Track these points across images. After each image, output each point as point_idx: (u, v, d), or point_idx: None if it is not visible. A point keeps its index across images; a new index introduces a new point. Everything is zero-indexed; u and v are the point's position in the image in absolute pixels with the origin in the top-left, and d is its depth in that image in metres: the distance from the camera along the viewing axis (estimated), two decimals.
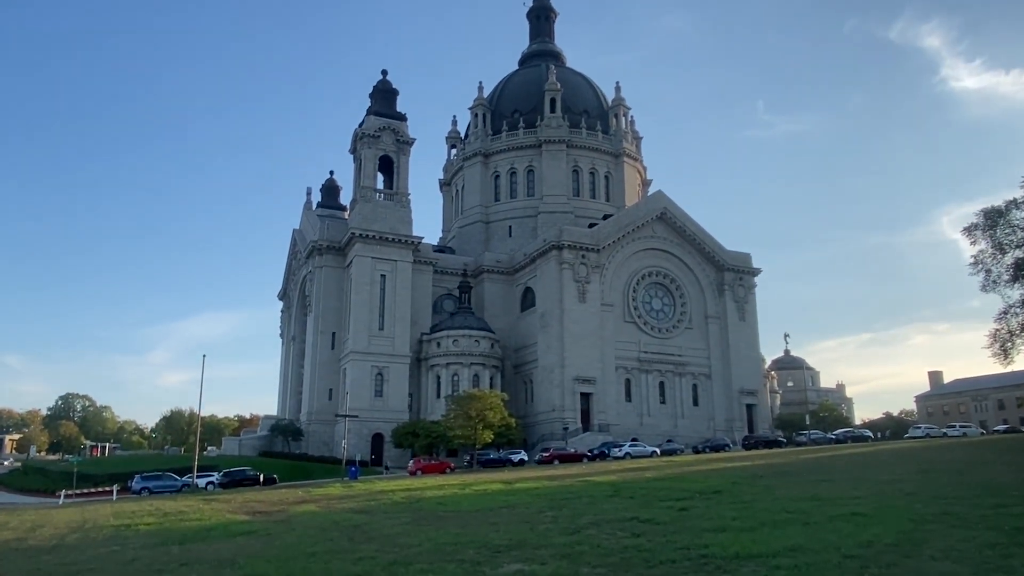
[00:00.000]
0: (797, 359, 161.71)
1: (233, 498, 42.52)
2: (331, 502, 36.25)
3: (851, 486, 26.89)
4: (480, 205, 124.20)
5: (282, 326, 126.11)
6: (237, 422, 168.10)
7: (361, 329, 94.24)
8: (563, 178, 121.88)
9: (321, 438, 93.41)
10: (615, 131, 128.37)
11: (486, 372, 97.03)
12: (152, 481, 61.40)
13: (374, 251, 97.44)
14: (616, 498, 27.74)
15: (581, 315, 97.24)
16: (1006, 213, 54.84)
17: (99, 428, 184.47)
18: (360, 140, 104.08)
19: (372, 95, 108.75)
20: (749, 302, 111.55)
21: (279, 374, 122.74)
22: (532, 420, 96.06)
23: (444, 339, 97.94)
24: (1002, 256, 55.00)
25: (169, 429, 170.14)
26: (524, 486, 36.76)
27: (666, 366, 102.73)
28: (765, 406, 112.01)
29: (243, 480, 62.69)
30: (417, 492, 38.45)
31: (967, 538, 16.57)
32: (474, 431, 71.93)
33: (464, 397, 75.74)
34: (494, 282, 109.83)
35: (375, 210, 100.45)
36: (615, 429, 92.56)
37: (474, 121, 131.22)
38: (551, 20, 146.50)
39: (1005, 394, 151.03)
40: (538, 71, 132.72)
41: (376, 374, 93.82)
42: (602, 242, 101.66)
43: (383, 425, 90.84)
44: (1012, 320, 54.03)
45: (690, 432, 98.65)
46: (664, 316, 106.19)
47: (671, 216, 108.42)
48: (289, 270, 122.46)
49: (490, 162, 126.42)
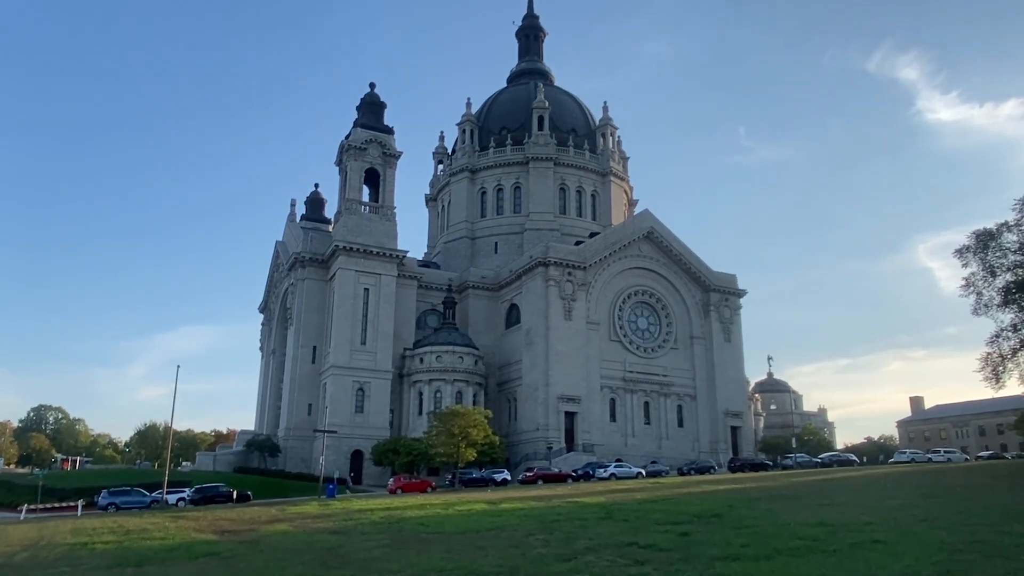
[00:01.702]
0: (780, 382, 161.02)
1: (202, 515, 40.53)
2: (305, 521, 34.46)
3: (857, 511, 25.62)
4: (466, 221, 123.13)
5: (262, 339, 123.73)
6: (213, 437, 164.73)
7: (343, 343, 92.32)
8: (550, 196, 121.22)
9: (299, 454, 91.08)
10: (602, 150, 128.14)
11: (469, 389, 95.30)
12: (120, 496, 58.98)
13: (358, 264, 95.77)
14: (609, 521, 26.27)
15: (567, 333, 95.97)
16: (997, 236, 54.50)
17: (71, 441, 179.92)
18: (346, 152, 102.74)
19: (359, 107, 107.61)
20: (734, 323, 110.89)
21: (257, 388, 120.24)
22: (515, 439, 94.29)
23: (427, 355, 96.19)
24: (993, 279, 54.60)
25: (143, 443, 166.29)
26: (510, 506, 35.16)
27: (651, 386, 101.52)
28: (750, 429, 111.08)
29: (215, 497, 60.47)
30: (397, 512, 36.71)
31: (1015, 571, 15.22)
32: (457, 449, 70.10)
33: (447, 414, 73.93)
34: (479, 298, 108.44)
35: (360, 223, 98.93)
36: (599, 449, 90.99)
37: (461, 137, 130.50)
38: (540, 40, 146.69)
39: (986, 420, 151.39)
40: (526, 89, 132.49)
41: (357, 389, 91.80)
42: (589, 260, 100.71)
43: (363, 442, 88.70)
44: (1004, 344, 53.52)
45: (674, 453, 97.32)
46: (650, 336, 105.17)
47: (658, 235, 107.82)
48: (271, 282, 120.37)
49: (477, 178, 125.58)
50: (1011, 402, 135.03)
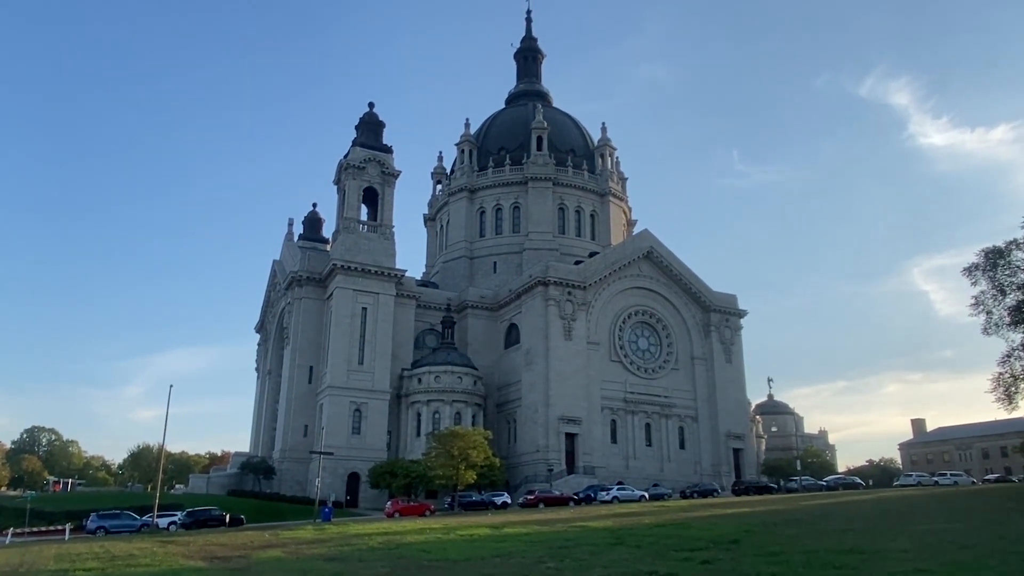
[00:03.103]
0: (781, 404, 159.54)
1: (193, 540, 39.04)
2: (300, 547, 33.06)
3: (886, 537, 24.37)
4: (465, 240, 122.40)
5: (258, 360, 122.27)
6: (208, 459, 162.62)
7: (340, 363, 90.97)
8: (549, 215, 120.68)
9: (294, 477, 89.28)
10: (601, 171, 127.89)
11: (468, 410, 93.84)
12: (109, 520, 57.31)
13: (356, 283, 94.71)
14: (621, 547, 24.99)
15: (567, 353, 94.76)
16: (1007, 254, 53.71)
17: (64, 463, 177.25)
18: (345, 171, 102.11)
19: (358, 127, 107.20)
20: (735, 344, 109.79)
21: (253, 410, 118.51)
22: (515, 461, 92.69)
23: (426, 375, 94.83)
24: (1003, 298, 53.71)
25: (136, 466, 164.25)
26: (514, 531, 33.80)
27: (652, 407, 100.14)
28: (752, 451, 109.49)
29: (207, 520, 58.85)
30: (396, 537, 35.31)
31: None
32: (456, 471, 68.58)
33: (446, 435, 72.47)
34: (478, 318, 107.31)
35: (358, 241, 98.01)
36: (600, 472, 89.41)
37: (460, 157, 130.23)
38: (538, 62, 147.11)
39: (990, 443, 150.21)
40: (525, 110, 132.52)
41: (354, 410, 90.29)
42: (589, 279, 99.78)
43: (360, 464, 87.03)
44: (1016, 364, 52.48)
45: (676, 476, 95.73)
46: (650, 356, 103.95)
47: (657, 255, 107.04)
48: (267, 302, 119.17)
49: (476, 198, 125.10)
50: (1014, 424, 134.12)
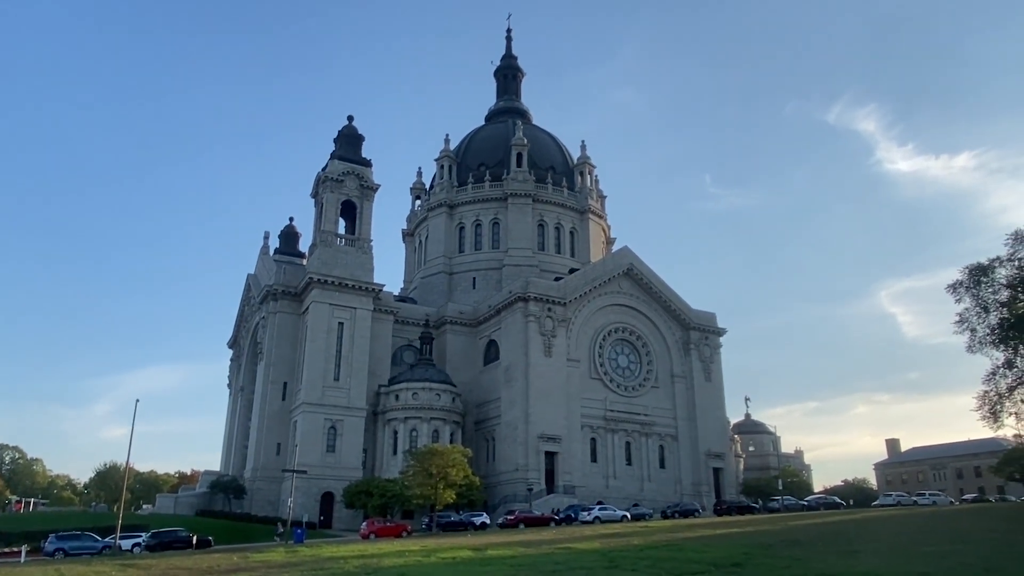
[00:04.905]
0: (759, 423, 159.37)
1: (155, 563, 36.92)
2: (270, 570, 31.23)
3: (894, 559, 23.31)
4: (444, 256, 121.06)
5: (231, 376, 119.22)
6: (177, 478, 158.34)
7: (315, 379, 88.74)
8: (529, 232, 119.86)
9: (266, 496, 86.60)
10: (580, 188, 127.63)
11: (446, 428, 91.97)
12: (68, 542, 54.43)
13: (332, 297, 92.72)
14: (617, 570, 23.61)
15: (547, 370, 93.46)
16: (990, 271, 53.53)
17: (28, 482, 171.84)
18: (323, 183, 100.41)
19: (337, 140, 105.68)
20: (715, 362, 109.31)
21: (225, 428, 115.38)
22: (494, 480, 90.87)
23: (403, 391, 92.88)
24: (986, 315, 53.44)
25: (102, 485, 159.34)
26: (497, 553, 32.23)
27: (633, 425, 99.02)
28: (732, 470, 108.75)
29: (173, 542, 56.32)
30: (373, 560, 33.56)
31: None
32: (435, 490, 66.59)
33: (425, 452, 70.48)
34: (457, 334, 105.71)
35: (335, 255, 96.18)
36: (580, 491, 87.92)
37: (440, 172, 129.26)
38: (518, 80, 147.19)
39: (963, 463, 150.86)
40: (505, 127, 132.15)
41: (329, 427, 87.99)
42: (569, 295, 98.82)
43: (334, 483, 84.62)
44: (1001, 382, 52.08)
45: (656, 496, 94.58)
46: (630, 374, 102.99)
47: (637, 272, 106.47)
48: (241, 317, 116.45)
49: (455, 213, 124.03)
50: (986, 444, 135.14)
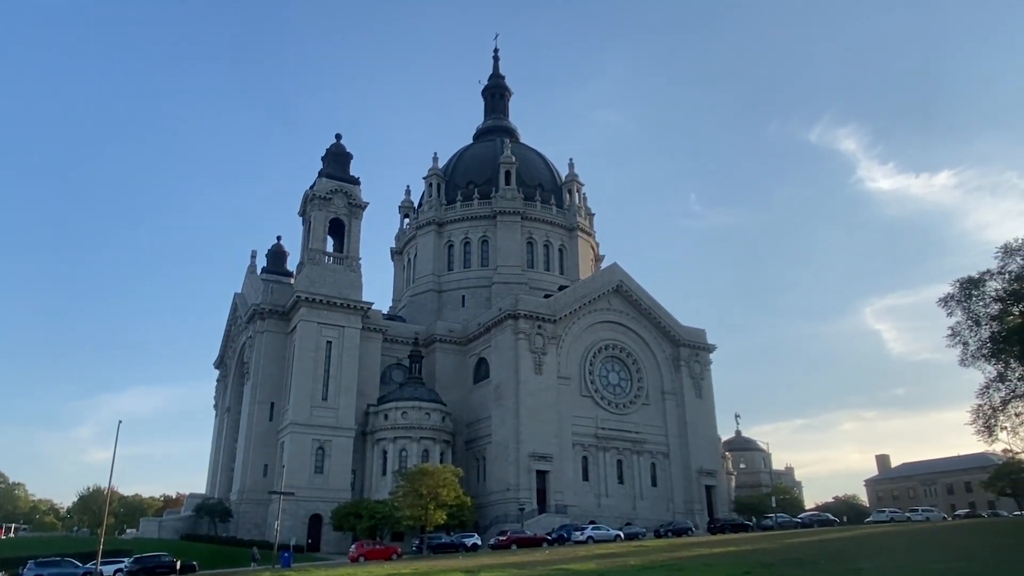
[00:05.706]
0: (750, 440, 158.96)
1: None
2: None
3: None
4: (433, 274, 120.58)
5: (217, 397, 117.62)
6: (162, 502, 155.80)
7: (303, 399, 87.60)
8: (517, 249, 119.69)
9: (253, 519, 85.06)
10: (569, 206, 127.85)
11: (436, 447, 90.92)
12: (48, 568, 53.12)
13: (320, 316, 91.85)
14: None
15: (537, 388, 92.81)
16: (981, 284, 53.70)
17: (9, 507, 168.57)
18: (311, 201, 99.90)
19: (325, 158, 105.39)
20: (705, 379, 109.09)
21: (211, 449, 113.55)
22: (484, 500, 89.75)
23: (392, 411, 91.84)
24: (978, 329, 53.52)
25: (85, 509, 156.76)
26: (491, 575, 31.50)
27: (624, 443, 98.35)
28: (724, 488, 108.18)
29: (156, 568, 55.16)
30: None
31: None
32: (425, 511, 65.58)
33: (415, 472, 69.49)
34: (446, 352, 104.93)
35: (323, 273, 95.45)
36: (572, 510, 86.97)
37: (428, 190, 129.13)
38: (505, 99, 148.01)
39: (954, 478, 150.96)
40: (493, 145, 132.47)
41: (317, 448, 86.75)
42: (559, 312, 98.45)
43: (322, 505, 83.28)
44: (995, 395, 52.08)
45: (649, 514, 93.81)
46: (621, 391, 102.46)
47: (627, 289, 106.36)
48: (228, 336, 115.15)
49: (444, 231, 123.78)
50: (977, 460, 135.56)
